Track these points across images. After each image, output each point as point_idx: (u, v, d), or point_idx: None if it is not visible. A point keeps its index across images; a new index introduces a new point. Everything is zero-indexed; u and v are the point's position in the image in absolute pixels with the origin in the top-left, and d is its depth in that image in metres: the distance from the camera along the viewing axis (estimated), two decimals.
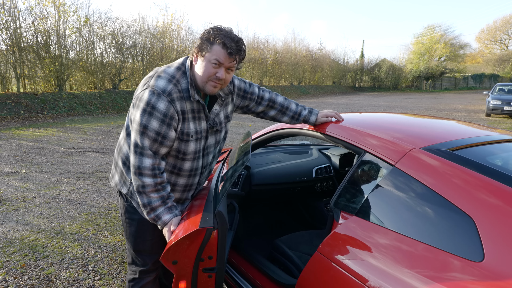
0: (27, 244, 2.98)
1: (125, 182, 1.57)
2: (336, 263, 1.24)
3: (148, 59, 17.86)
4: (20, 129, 8.99)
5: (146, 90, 1.39)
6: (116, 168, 1.63)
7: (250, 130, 9.36)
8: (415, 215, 1.21)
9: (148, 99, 1.36)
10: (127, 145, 1.52)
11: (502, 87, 15.02)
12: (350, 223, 1.34)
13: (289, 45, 31.23)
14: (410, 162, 1.32)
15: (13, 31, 12.44)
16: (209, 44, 1.40)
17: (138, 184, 1.42)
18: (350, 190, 1.51)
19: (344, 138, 1.66)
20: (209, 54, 1.40)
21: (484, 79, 42.33)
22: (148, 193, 1.42)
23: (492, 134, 1.65)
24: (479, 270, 0.98)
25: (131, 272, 1.70)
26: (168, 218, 1.46)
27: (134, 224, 1.60)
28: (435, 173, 1.24)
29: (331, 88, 33.58)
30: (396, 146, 1.42)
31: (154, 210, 1.45)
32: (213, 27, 1.43)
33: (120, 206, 1.65)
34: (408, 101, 21.54)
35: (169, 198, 1.48)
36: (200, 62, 1.43)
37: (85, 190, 4.40)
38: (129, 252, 1.69)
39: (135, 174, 1.42)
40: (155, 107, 1.36)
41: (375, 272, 1.12)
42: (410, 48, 46.14)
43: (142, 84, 1.45)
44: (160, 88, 1.38)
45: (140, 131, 1.38)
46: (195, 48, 1.44)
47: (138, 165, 1.40)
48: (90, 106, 13.37)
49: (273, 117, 1.83)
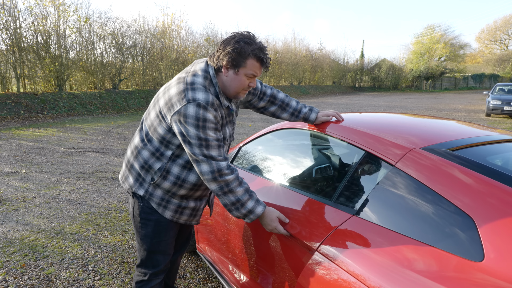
0: (27, 244, 2.98)
1: (141, 184, 1.59)
2: (336, 263, 1.24)
3: (148, 59, 17.87)
4: (20, 129, 9.00)
5: (189, 105, 1.37)
6: (131, 170, 1.62)
7: (250, 130, 9.36)
8: (415, 215, 1.21)
9: (196, 113, 1.38)
10: (148, 151, 1.54)
11: (502, 87, 15.02)
12: (350, 223, 1.34)
13: (289, 45, 31.25)
14: (410, 162, 1.32)
15: (13, 31, 12.45)
16: (243, 59, 1.42)
17: (221, 185, 1.45)
18: (350, 190, 1.51)
19: (344, 138, 1.66)
20: (244, 69, 1.44)
21: (484, 79, 42.34)
22: (234, 189, 1.46)
23: (492, 134, 1.65)
24: (479, 270, 0.98)
25: (140, 274, 1.70)
26: (261, 210, 1.51)
27: (150, 224, 1.62)
28: (435, 173, 1.24)
29: (331, 88, 33.59)
30: (396, 146, 1.42)
31: (244, 205, 1.49)
32: (240, 37, 1.43)
33: (134, 207, 1.64)
34: (408, 101, 21.54)
35: (252, 191, 1.53)
36: (234, 76, 1.46)
37: (85, 190, 4.40)
38: (140, 253, 1.69)
39: (215, 179, 1.43)
40: (206, 119, 1.39)
41: (375, 272, 1.12)
42: (410, 48, 46.19)
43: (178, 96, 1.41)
44: (203, 100, 1.39)
45: (204, 145, 1.41)
46: (227, 62, 1.43)
47: (216, 169, 1.43)
48: (90, 106, 13.38)
49: (273, 113, 1.84)
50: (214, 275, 2.56)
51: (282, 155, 2.59)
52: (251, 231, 1.82)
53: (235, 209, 1.49)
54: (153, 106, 1.56)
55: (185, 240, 1.98)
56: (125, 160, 1.69)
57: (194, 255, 2.85)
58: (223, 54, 1.43)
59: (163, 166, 1.53)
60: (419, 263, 1.07)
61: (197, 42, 21.40)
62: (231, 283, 1.96)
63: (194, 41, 21.16)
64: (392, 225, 1.23)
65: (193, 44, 21.08)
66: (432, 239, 1.12)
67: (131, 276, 2.53)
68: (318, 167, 2.54)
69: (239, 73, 1.45)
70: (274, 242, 1.63)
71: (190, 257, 2.81)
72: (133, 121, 11.21)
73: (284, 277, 1.53)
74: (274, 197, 1.79)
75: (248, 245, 1.84)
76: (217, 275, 2.14)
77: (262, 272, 1.71)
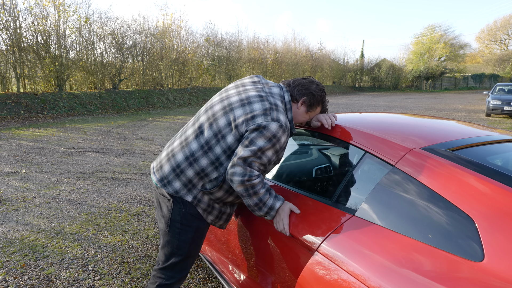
0: (27, 244, 2.98)
1: (190, 190, 1.60)
2: (335, 263, 1.24)
3: (148, 59, 17.88)
4: (20, 129, 9.00)
5: (273, 123, 1.48)
6: (180, 176, 1.60)
7: None
8: (415, 215, 1.21)
9: (276, 132, 1.48)
10: (208, 160, 1.55)
11: (502, 87, 15.02)
12: (350, 223, 1.34)
13: (289, 45, 31.25)
14: (410, 162, 1.32)
15: (13, 31, 12.45)
16: (316, 104, 1.69)
17: (246, 187, 1.49)
18: (350, 190, 1.51)
19: (344, 138, 1.66)
20: (313, 112, 1.71)
21: (484, 79, 42.34)
22: (258, 191, 1.51)
23: (492, 134, 1.65)
24: (479, 270, 0.98)
25: (163, 277, 1.69)
26: (279, 204, 1.56)
27: (191, 231, 1.65)
28: (435, 173, 1.24)
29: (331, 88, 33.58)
30: (396, 146, 1.42)
31: (265, 204, 1.54)
32: (319, 85, 1.70)
33: (172, 211, 1.62)
34: (408, 101, 21.54)
35: (271, 189, 1.58)
36: (304, 113, 1.69)
37: (85, 190, 4.40)
38: (172, 257, 1.67)
39: (243, 183, 1.48)
40: (279, 140, 1.51)
41: (375, 272, 1.12)
42: (410, 48, 46.19)
43: (263, 111, 1.51)
44: (285, 123, 1.52)
45: (258, 155, 1.48)
46: (307, 100, 1.66)
47: (249, 174, 1.47)
48: (90, 106, 13.38)
49: None
50: (214, 275, 2.56)
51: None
52: (251, 231, 1.82)
53: (258, 209, 1.54)
54: (224, 113, 1.56)
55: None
56: (171, 163, 1.63)
57: None
58: (305, 91, 1.65)
59: (220, 175, 1.56)
60: (419, 263, 1.07)
61: (197, 42, 21.41)
62: (231, 283, 1.96)
63: (194, 41, 21.17)
64: (392, 225, 1.23)
65: (193, 44, 21.09)
66: (432, 239, 1.12)
67: (131, 276, 2.53)
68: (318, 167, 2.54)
69: (308, 113, 1.69)
70: (274, 242, 1.63)
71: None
72: (133, 121, 11.21)
73: (284, 277, 1.53)
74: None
75: (248, 245, 1.84)
76: (217, 275, 2.14)
77: (262, 272, 1.71)
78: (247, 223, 1.87)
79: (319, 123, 1.77)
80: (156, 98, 16.40)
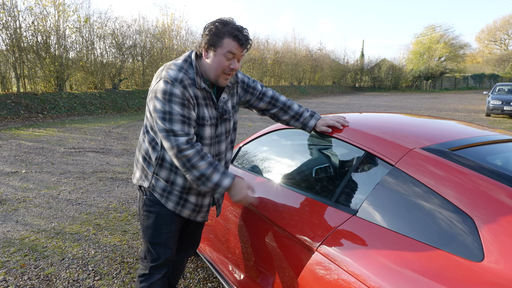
0: (27, 244, 2.98)
1: (146, 176, 1.64)
2: (336, 263, 1.24)
3: (148, 59, 17.87)
4: (20, 129, 9.00)
5: (160, 82, 1.47)
6: (137, 165, 1.69)
7: (250, 130, 9.36)
8: (415, 215, 1.21)
9: (164, 88, 1.45)
10: (147, 142, 1.60)
11: (502, 87, 15.03)
12: (350, 223, 1.34)
13: (289, 45, 31.26)
14: (410, 162, 1.32)
15: (13, 31, 12.45)
16: (219, 38, 1.47)
17: (183, 161, 1.46)
18: (350, 190, 1.51)
19: (344, 138, 1.66)
20: (221, 49, 1.48)
21: (484, 79, 42.34)
22: (195, 164, 1.46)
23: (492, 134, 1.65)
24: (479, 270, 0.98)
25: (142, 268, 1.74)
26: (228, 182, 1.51)
27: (152, 216, 1.65)
28: (435, 173, 1.24)
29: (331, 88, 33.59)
30: (396, 146, 1.42)
31: (209, 179, 1.48)
32: (218, 20, 1.50)
33: (139, 200, 1.72)
34: (408, 101, 21.54)
35: (217, 164, 1.52)
36: (213, 56, 1.50)
37: (85, 190, 4.40)
38: (144, 246, 1.74)
39: (176, 156, 1.45)
40: (172, 93, 1.44)
41: (375, 272, 1.12)
42: (410, 48, 46.21)
43: (155, 78, 1.53)
44: (172, 77, 1.46)
45: (167, 118, 1.44)
46: (204, 43, 1.50)
47: (175, 145, 1.44)
48: (90, 106, 13.38)
49: (274, 114, 1.86)
50: (214, 275, 2.56)
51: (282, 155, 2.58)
52: (252, 231, 1.82)
53: (201, 184, 1.49)
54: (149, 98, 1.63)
55: (194, 242, 1.97)
56: (135, 157, 1.75)
57: (194, 255, 2.85)
58: (202, 37, 1.52)
59: (158, 154, 1.58)
60: (419, 263, 1.07)
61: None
62: (231, 283, 1.96)
63: (194, 41, 21.16)
64: (392, 225, 1.23)
65: (193, 44, 21.08)
66: (432, 239, 1.12)
67: (131, 276, 2.53)
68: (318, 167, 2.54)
69: (217, 54, 1.48)
70: (274, 242, 1.63)
71: (190, 257, 2.81)
72: (133, 121, 11.21)
73: (284, 277, 1.53)
74: (274, 197, 1.79)
75: (248, 245, 1.84)
76: (217, 275, 2.14)
77: (262, 272, 1.71)
78: (247, 223, 1.87)
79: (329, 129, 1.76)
80: None
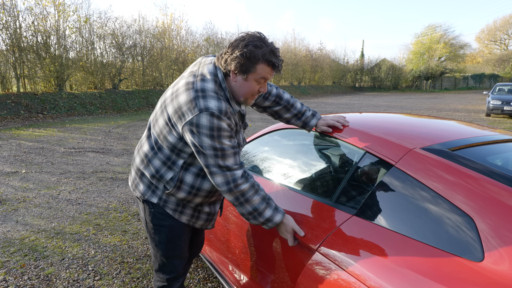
0: (27, 244, 2.98)
1: (154, 192, 1.54)
2: (336, 263, 1.24)
3: (148, 59, 17.88)
4: (20, 129, 9.00)
5: (202, 115, 1.30)
6: (142, 178, 1.57)
7: (250, 130, 9.36)
8: (415, 215, 1.21)
9: (210, 124, 1.31)
10: (159, 160, 1.48)
11: (502, 87, 15.03)
12: (350, 223, 1.34)
13: (289, 45, 31.26)
14: (410, 162, 1.32)
15: (13, 31, 12.45)
16: (252, 64, 1.33)
17: (237, 195, 1.40)
18: (350, 190, 1.51)
19: (344, 138, 1.66)
20: (254, 74, 1.36)
21: (484, 79, 42.34)
22: (250, 198, 1.41)
23: (492, 134, 1.65)
24: (479, 270, 0.98)
25: (159, 279, 1.68)
26: (279, 219, 1.46)
27: (163, 230, 1.57)
28: (435, 173, 1.24)
29: (331, 88, 33.59)
30: (396, 146, 1.42)
31: (261, 214, 1.44)
32: (250, 41, 1.33)
33: (145, 212, 1.59)
34: (408, 101, 21.54)
35: (270, 198, 1.47)
36: (243, 81, 1.38)
37: (85, 190, 4.40)
38: (156, 258, 1.66)
39: (231, 191, 1.39)
40: (220, 128, 1.33)
41: (375, 272, 1.12)
42: (410, 48, 46.24)
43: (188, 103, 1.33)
44: (216, 109, 1.31)
45: (219, 155, 1.35)
46: (235, 68, 1.35)
47: (232, 179, 1.38)
48: (90, 106, 13.38)
49: (276, 112, 1.81)
50: (214, 275, 2.56)
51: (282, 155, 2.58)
52: (251, 231, 1.82)
53: (252, 218, 1.45)
54: (161, 112, 1.47)
55: (200, 244, 1.96)
56: (133, 167, 1.62)
57: None
58: (231, 58, 1.34)
59: (175, 175, 1.47)
60: (419, 263, 1.07)
61: (197, 42, 21.43)
62: (231, 283, 1.96)
63: (194, 41, 21.19)
64: (392, 225, 1.23)
65: (193, 44, 21.10)
66: (432, 239, 1.12)
67: (131, 276, 2.53)
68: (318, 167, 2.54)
69: (248, 79, 1.37)
70: (274, 242, 1.63)
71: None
72: (133, 121, 11.21)
73: (284, 277, 1.53)
74: (274, 197, 1.79)
75: (248, 245, 1.84)
76: (217, 275, 2.14)
77: (262, 272, 1.71)
78: (247, 223, 1.87)
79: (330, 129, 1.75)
80: (156, 98, 16.40)
